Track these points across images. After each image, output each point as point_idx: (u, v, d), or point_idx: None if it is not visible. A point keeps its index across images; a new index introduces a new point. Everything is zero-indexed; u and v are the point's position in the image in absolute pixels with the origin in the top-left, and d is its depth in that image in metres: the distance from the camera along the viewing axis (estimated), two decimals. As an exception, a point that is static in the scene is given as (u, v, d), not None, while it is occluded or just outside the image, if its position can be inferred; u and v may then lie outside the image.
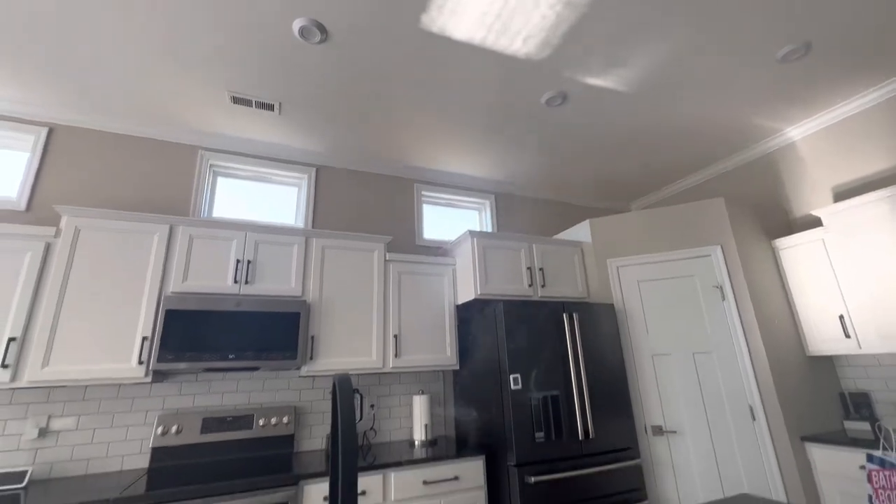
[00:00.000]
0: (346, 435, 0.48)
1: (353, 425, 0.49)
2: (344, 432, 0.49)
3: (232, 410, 2.39)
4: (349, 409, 0.52)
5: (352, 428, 0.49)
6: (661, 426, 2.55)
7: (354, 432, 0.49)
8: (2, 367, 1.88)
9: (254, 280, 2.40)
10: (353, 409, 0.51)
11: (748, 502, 1.34)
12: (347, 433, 0.49)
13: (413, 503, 2.11)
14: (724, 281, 2.63)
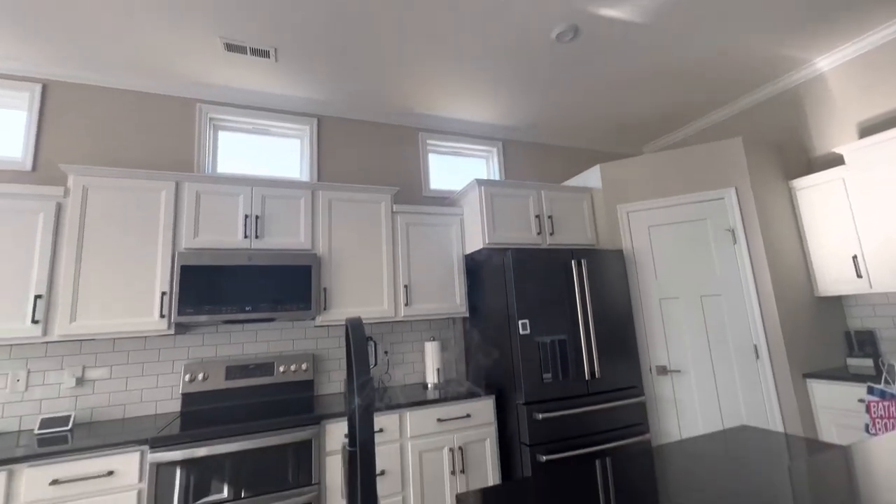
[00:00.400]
0: (360, 368, 0.50)
1: (367, 360, 0.51)
2: (357, 367, 0.51)
3: (253, 358, 2.52)
4: (362, 347, 0.53)
5: (365, 363, 0.51)
6: (665, 366, 2.64)
7: (367, 366, 0.50)
8: (33, 322, 1.98)
9: (263, 234, 2.43)
10: (366, 348, 0.52)
11: (746, 433, 1.40)
12: (361, 367, 0.50)
13: (428, 439, 2.26)
14: (737, 224, 2.59)
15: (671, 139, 4.04)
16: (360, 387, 0.50)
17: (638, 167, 2.90)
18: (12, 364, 2.17)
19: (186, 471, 1.82)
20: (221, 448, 1.87)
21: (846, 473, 0.74)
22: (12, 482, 1.65)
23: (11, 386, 2.14)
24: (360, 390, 0.50)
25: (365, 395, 0.49)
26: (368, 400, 0.45)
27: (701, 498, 0.64)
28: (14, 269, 2.00)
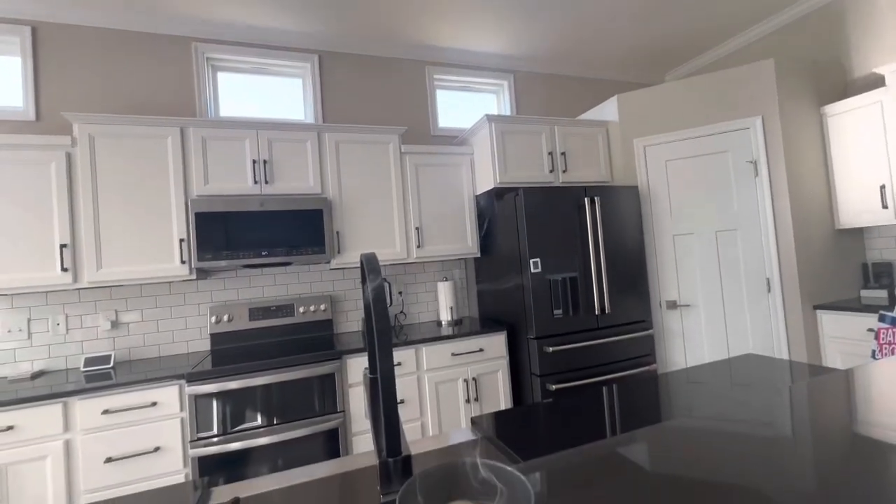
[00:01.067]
0: (376, 299, 0.51)
1: (383, 292, 0.52)
2: (374, 298, 0.52)
3: (273, 301, 2.62)
4: (377, 279, 0.54)
5: (381, 294, 0.52)
6: (675, 301, 2.67)
7: (384, 298, 0.51)
8: (62, 270, 2.07)
9: (273, 180, 2.42)
10: (382, 281, 0.53)
11: (752, 361, 1.44)
12: (377, 299, 0.52)
13: (443, 371, 2.39)
14: (760, 155, 2.48)
15: (696, 65, 3.76)
16: (377, 316, 0.52)
17: (658, 97, 2.73)
18: (51, 310, 2.30)
19: (222, 401, 1.98)
20: (252, 381, 2.02)
21: (845, 394, 0.77)
22: (68, 412, 1.82)
23: (53, 329, 2.29)
24: (377, 320, 0.52)
25: (382, 323, 0.51)
26: (385, 327, 0.47)
27: (701, 416, 0.67)
28: (36, 221, 2.05)
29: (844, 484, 0.42)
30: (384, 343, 0.49)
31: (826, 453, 0.50)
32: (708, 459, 0.51)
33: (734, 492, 0.43)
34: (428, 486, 0.31)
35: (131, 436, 1.88)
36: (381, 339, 0.49)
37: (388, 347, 0.50)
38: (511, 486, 0.31)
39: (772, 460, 0.49)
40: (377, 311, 0.50)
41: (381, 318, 0.50)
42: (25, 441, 1.76)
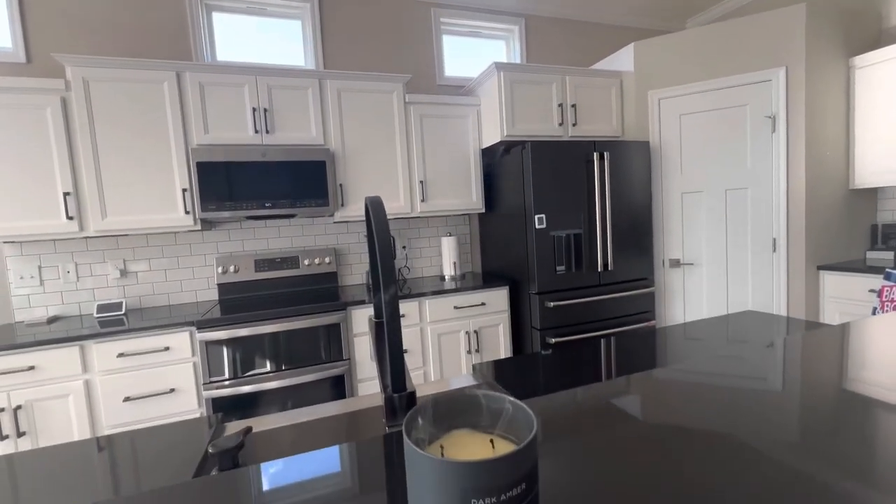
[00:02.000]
0: (381, 242, 0.51)
1: (387, 234, 0.52)
2: (379, 241, 0.52)
3: (278, 253, 2.64)
4: (382, 221, 0.53)
5: (386, 237, 0.52)
6: (678, 259, 2.67)
7: (389, 240, 0.51)
8: (68, 218, 2.08)
9: (274, 129, 2.36)
10: (386, 223, 0.53)
11: (751, 317, 1.46)
12: (382, 241, 0.51)
13: (445, 324, 2.45)
14: (780, 110, 2.37)
15: (721, 11, 3.52)
16: (382, 260, 0.52)
17: (676, 45, 2.58)
18: (60, 258, 2.34)
19: (232, 348, 2.06)
20: (261, 329, 2.08)
21: (839, 349, 0.77)
22: (85, 354, 1.90)
23: (64, 277, 2.34)
24: (383, 263, 0.52)
25: (387, 267, 0.51)
26: (390, 272, 0.47)
27: (691, 369, 0.68)
28: (38, 168, 2.03)
29: (829, 437, 0.43)
30: (388, 278, 0.49)
31: (813, 407, 0.51)
32: (694, 409, 0.53)
33: (717, 440, 0.44)
34: (433, 414, 0.33)
35: (147, 378, 1.96)
36: (386, 275, 0.50)
37: (393, 283, 0.50)
38: (514, 413, 0.32)
39: (758, 412, 0.50)
40: (381, 245, 0.50)
41: (385, 255, 0.50)
42: (47, 380, 1.85)
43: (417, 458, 0.27)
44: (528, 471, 0.28)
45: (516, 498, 0.27)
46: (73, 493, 0.64)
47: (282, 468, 0.46)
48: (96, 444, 0.81)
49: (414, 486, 0.29)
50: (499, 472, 0.26)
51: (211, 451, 0.54)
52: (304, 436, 0.85)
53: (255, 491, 0.42)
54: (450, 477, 0.26)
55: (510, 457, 0.26)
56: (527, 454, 0.27)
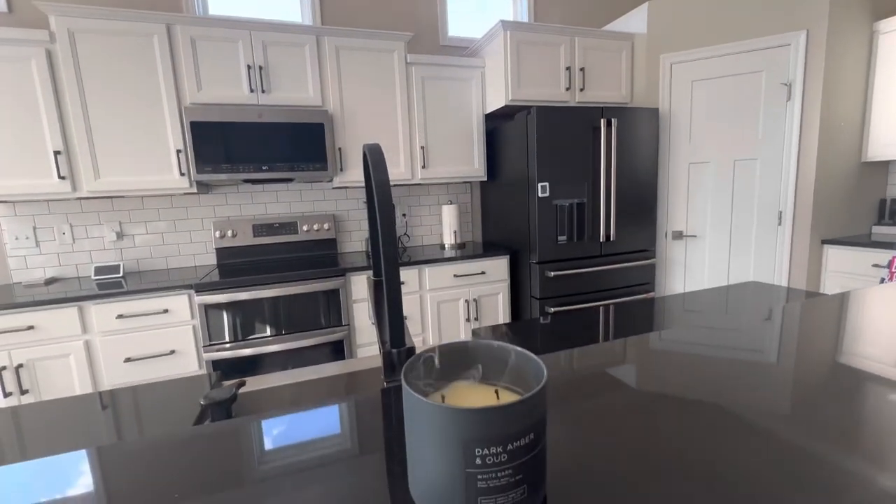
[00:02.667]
0: (380, 192, 0.48)
1: (387, 185, 0.48)
2: (377, 190, 0.49)
3: (277, 218, 2.61)
4: (381, 169, 0.50)
5: (385, 187, 0.48)
6: (682, 231, 2.64)
7: (387, 190, 0.48)
8: (60, 178, 2.02)
9: (270, 89, 2.27)
10: (386, 172, 0.49)
11: (755, 288, 1.45)
12: (380, 190, 0.48)
13: (445, 291, 2.45)
14: (797, 77, 2.28)
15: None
16: (381, 212, 0.48)
17: (692, 6, 2.45)
18: (55, 219, 2.30)
19: (231, 312, 2.05)
20: (260, 293, 2.07)
21: (836, 320, 0.75)
22: (84, 315, 1.90)
23: (59, 238, 2.31)
24: (382, 215, 0.49)
25: (386, 220, 0.48)
26: (390, 225, 0.44)
27: (685, 339, 0.67)
28: (24, 124, 1.96)
29: (819, 409, 0.43)
30: (388, 231, 0.46)
31: (805, 379, 0.50)
32: (685, 378, 0.52)
33: (706, 409, 0.44)
34: (434, 363, 0.30)
35: (147, 339, 1.97)
36: (385, 228, 0.47)
37: (393, 237, 0.47)
38: (521, 363, 0.29)
39: (750, 382, 0.50)
40: (380, 195, 0.47)
41: (384, 206, 0.47)
42: (47, 340, 1.85)
43: (417, 406, 0.25)
44: (537, 420, 0.26)
45: (524, 448, 0.25)
46: (76, 440, 0.64)
47: (275, 420, 0.44)
48: (98, 398, 0.81)
49: (413, 438, 0.27)
50: (506, 419, 0.24)
51: (202, 402, 0.53)
52: (302, 393, 0.84)
53: (248, 441, 0.41)
54: (452, 425, 0.24)
55: (518, 404, 0.24)
56: (536, 402, 0.25)
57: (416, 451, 0.27)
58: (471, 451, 0.24)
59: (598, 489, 0.30)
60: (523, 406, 0.25)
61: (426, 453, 0.26)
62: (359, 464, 0.35)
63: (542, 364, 0.27)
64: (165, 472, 0.38)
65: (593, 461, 0.35)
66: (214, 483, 0.35)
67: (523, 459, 0.25)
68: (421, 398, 0.25)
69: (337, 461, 0.36)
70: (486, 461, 0.24)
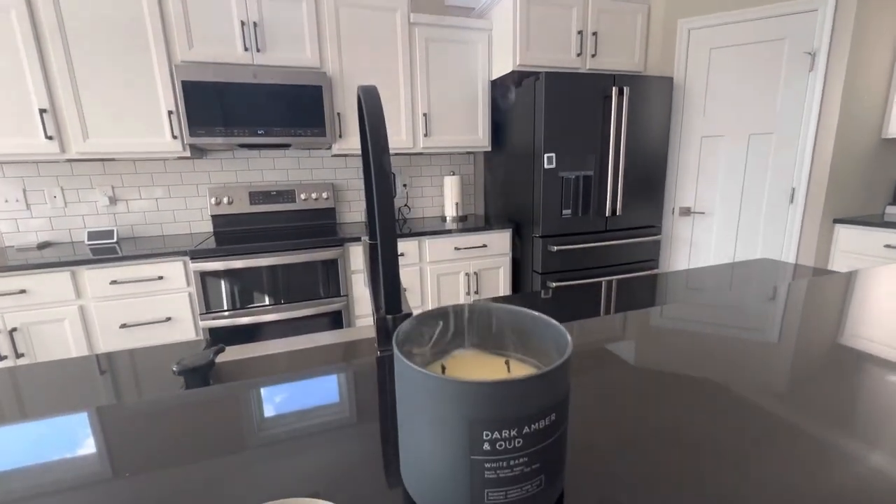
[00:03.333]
0: (375, 139, 0.42)
1: (383, 132, 0.42)
2: (372, 138, 0.43)
3: (274, 185, 2.53)
4: (377, 114, 0.44)
5: (380, 134, 0.42)
6: (689, 207, 2.57)
7: (383, 138, 0.42)
8: (47, 138, 1.94)
9: (265, 48, 2.15)
10: (382, 118, 0.43)
11: (767, 264, 1.40)
12: (375, 139, 0.42)
13: (445, 264, 2.40)
14: (822, 45, 2.15)
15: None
16: (374, 161, 0.42)
17: (717, -35, 2.29)
18: (45, 181, 2.23)
19: (228, 280, 2.02)
20: (256, 262, 2.03)
21: (842, 298, 0.72)
22: (77, 280, 1.86)
23: (51, 202, 2.25)
24: (376, 164, 0.42)
25: (381, 170, 0.42)
26: (385, 178, 0.38)
27: (685, 316, 0.64)
28: (6, 79, 1.86)
29: (815, 388, 0.43)
30: (383, 184, 0.41)
31: (805, 359, 0.50)
32: (684, 354, 0.51)
33: (701, 385, 0.43)
34: (433, 326, 0.25)
35: (142, 306, 1.94)
36: (380, 181, 0.41)
37: (389, 190, 0.42)
38: (538, 329, 0.24)
39: (748, 361, 0.49)
40: (374, 141, 0.41)
41: (378, 155, 0.41)
42: (40, 304, 1.82)
43: (412, 378, 0.21)
44: (560, 399, 0.21)
45: (542, 433, 0.20)
46: (72, 401, 0.61)
47: (253, 389, 0.40)
48: (95, 360, 0.77)
49: (407, 416, 0.22)
50: (524, 397, 0.19)
51: (175, 369, 0.49)
52: (292, 362, 0.80)
53: (221, 409, 0.37)
54: (456, 403, 0.20)
55: (538, 378, 0.20)
56: (559, 377, 0.20)
57: (410, 433, 0.22)
58: (477, 433, 0.20)
59: (593, 470, 0.26)
60: (545, 381, 0.20)
61: (422, 435, 0.21)
62: (348, 437, 0.31)
63: (566, 332, 0.22)
64: (126, 440, 0.34)
65: (584, 433, 0.31)
66: (176, 455, 0.31)
67: (542, 445, 0.20)
68: (417, 368, 0.20)
69: (321, 433, 0.32)
70: (496, 447, 0.20)
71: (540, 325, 0.25)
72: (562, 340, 0.23)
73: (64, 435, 0.35)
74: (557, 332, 0.23)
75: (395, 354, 0.21)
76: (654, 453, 0.31)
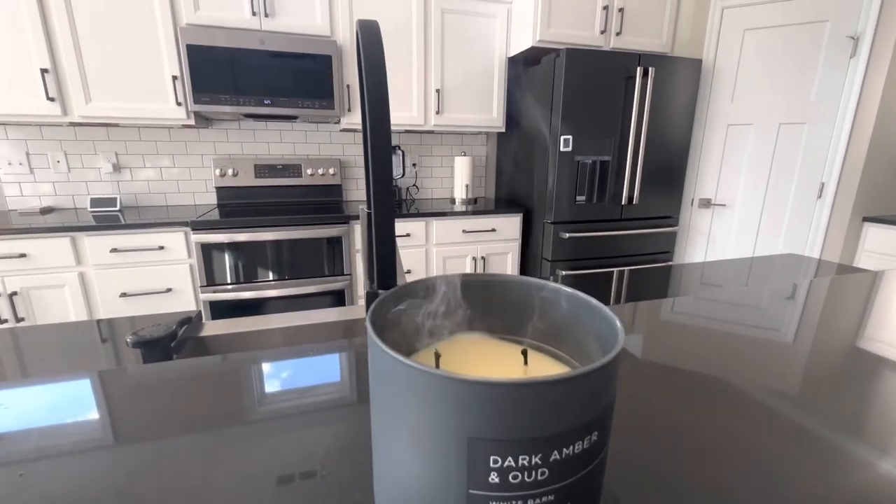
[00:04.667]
0: (373, 79, 0.35)
1: (382, 76, 0.35)
2: (368, 83, 0.35)
3: (280, 159, 2.47)
4: (376, 55, 0.36)
5: (379, 78, 0.35)
6: (710, 199, 2.46)
7: (383, 85, 0.35)
8: (49, 100, 1.89)
9: (274, 13, 2.06)
10: (382, 58, 0.35)
11: (794, 260, 1.31)
12: (373, 75, 0.35)
13: (452, 247, 2.33)
14: (867, 28, 2.00)
15: None
16: (370, 107, 0.34)
17: (758, -63, 2.13)
18: (48, 145, 2.19)
19: (229, 253, 1.97)
20: (258, 236, 1.98)
21: (864, 299, 0.66)
22: (77, 246, 1.83)
23: (54, 167, 2.21)
24: (371, 112, 0.35)
25: (378, 120, 0.34)
26: (383, 130, 0.31)
27: (697, 312, 0.59)
28: (7, 37, 1.80)
29: (829, 392, 0.41)
30: (380, 136, 0.34)
31: (820, 361, 0.47)
32: (695, 352, 0.49)
33: (710, 383, 0.41)
34: (425, 298, 0.19)
35: (142, 275, 1.91)
36: (377, 133, 0.34)
37: (387, 142, 0.35)
38: (573, 309, 0.18)
39: (761, 361, 0.47)
40: (371, 85, 0.34)
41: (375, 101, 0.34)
42: (40, 269, 1.80)
43: (388, 368, 0.14)
44: (603, 410, 0.14)
45: (579, 459, 0.14)
46: (72, 363, 0.57)
47: (225, 367, 0.34)
48: (96, 325, 0.73)
49: (382, 427, 0.16)
50: (557, 405, 0.13)
51: (129, 340, 0.43)
52: (283, 338, 0.75)
53: (174, 385, 0.31)
54: (450, 410, 0.13)
55: (580, 379, 0.13)
56: (605, 379, 0.14)
57: (386, 452, 0.16)
58: (481, 458, 0.13)
59: None
60: (588, 384, 0.13)
61: (401, 456, 0.15)
62: (338, 419, 0.25)
63: (614, 318, 0.16)
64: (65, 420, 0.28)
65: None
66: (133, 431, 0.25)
67: (577, 477, 0.14)
68: (395, 355, 0.14)
69: (301, 425, 0.26)
70: (508, 478, 0.13)
71: (575, 307, 0.18)
72: (607, 329, 0.16)
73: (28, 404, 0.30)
74: (600, 317, 0.17)
75: (369, 336, 0.15)
76: (669, 455, 0.28)
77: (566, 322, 0.19)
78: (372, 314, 0.16)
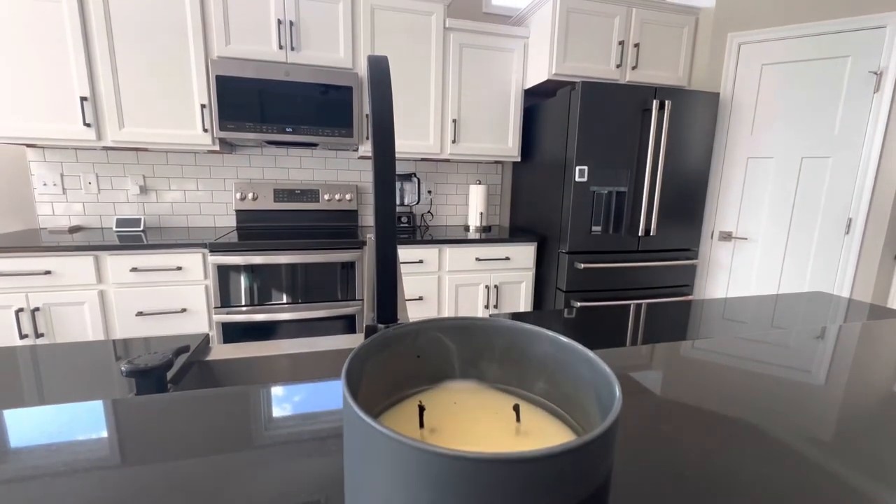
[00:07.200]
0: (379, 110, 0.35)
1: (389, 104, 0.35)
2: (375, 104, 0.35)
3: (299, 184, 2.53)
4: (384, 84, 0.37)
5: (385, 104, 0.35)
6: (731, 232, 2.40)
7: (389, 112, 0.35)
8: (85, 125, 1.99)
9: (300, 47, 2.16)
10: (389, 87, 0.35)
11: (824, 298, 1.25)
12: (380, 110, 0.35)
13: (465, 275, 2.32)
14: (890, 64, 1.98)
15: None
16: (376, 138, 0.35)
17: (774, -23, 2.16)
18: (82, 167, 2.30)
19: (244, 275, 2.00)
20: (274, 259, 2.01)
21: None
22: (99, 265, 1.88)
23: (85, 188, 2.31)
24: (377, 143, 0.35)
25: (382, 151, 0.34)
26: (387, 157, 0.31)
27: (724, 350, 0.56)
28: (53, 67, 1.93)
29: (862, 439, 0.39)
30: (385, 160, 0.34)
31: (853, 406, 0.45)
32: (720, 391, 0.47)
33: (735, 425, 0.39)
34: (409, 343, 0.17)
35: (159, 295, 1.94)
36: (381, 157, 0.34)
37: (391, 174, 0.34)
38: (567, 359, 0.16)
39: (790, 404, 0.45)
40: (378, 120, 0.34)
41: (381, 119, 0.34)
42: (63, 286, 1.85)
43: (363, 433, 0.13)
44: (602, 481, 0.12)
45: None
46: (88, 388, 0.57)
47: (221, 401, 0.33)
48: (112, 345, 0.73)
49: (354, 485, 0.14)
50: (554, 480, 0.11)
51: (124, 369, 0.43)
52: (283, 367, 0.74)
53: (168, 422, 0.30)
54: (428, 485, 0.12)
55: (578, 451, 0.11)
56: (602, 445, 0.12)
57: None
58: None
59: None
60: (587, 454, 0.11)
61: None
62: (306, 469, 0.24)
63: (612, 377, 0.14)
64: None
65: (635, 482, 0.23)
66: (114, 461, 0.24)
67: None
68: (370, 421, 0.12)
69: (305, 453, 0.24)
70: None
71: (573, 359, 0.17)
72: (605, 387, 0.14)
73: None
74: (598, 374, 0.15)
75: (344, 397, 0.14)
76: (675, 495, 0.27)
77: (564, 375, 0.17)
78: (346, 371, 0.15)
